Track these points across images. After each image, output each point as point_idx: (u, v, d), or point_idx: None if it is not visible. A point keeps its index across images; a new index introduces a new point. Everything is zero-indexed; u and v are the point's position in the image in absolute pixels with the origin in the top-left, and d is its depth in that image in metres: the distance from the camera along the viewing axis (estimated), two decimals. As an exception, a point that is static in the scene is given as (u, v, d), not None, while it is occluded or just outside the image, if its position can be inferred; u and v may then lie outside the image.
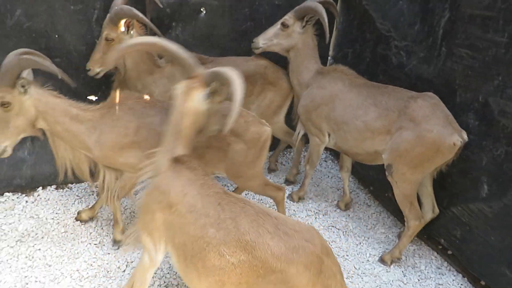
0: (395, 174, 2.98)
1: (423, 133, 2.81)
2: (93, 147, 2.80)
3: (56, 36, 3.32)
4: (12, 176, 3.61)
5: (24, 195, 3.63)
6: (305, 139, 3.82)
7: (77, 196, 3.69)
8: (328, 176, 4.38)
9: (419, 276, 3.19)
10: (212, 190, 2.08)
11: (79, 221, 3.36)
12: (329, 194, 4.08)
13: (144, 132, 2.78)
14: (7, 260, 2.95)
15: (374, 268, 3.22)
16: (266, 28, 3.54)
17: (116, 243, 3.18)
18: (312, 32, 3.48)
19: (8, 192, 3.62)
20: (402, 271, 3.22)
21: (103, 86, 3.59)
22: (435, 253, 3.41)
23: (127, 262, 3.04)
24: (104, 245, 3.18)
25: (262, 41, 3.47)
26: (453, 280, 3.16)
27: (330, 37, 4.35)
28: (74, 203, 3.58)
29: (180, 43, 3.64)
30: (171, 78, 3.42)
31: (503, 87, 2.67)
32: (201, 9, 3.58)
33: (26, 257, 3.00)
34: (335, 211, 3.84)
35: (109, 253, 3.10)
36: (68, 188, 3.79)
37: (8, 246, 3.07)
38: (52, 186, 3.76)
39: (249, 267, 1.88)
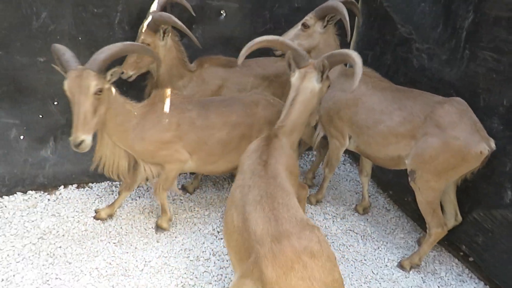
0: (418, 181, 2.89)
1: (449, 140, 2.72)
2: (135, 143, 2.94)
3: (80, 38, 3.39)
4: (35, 175, 3.69)
5: (46, 193, 3.71)
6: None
7: (97, 195, 3.75)
8: (347, 179, 4.34)
9: (439, 283, 3.13)
10: (258, 160, 2.32)
11: (98, 220, 3.42)
12: (347, 197, 4.05)
13: (185, 126, 3.01)
14: (29, 257, 3.02)
15: (393, 274, 3.17)
16: (286, 29, 3.53)
17: (160, 229, 3.37)
18: (334, 32, 3.43)
19: (32, 190, 3.70)
20: (422, 277, 3.16)
21: (124, 87, 3.64)
22: (456, 260, 3.34)
23: (145, 261, 3.07)
24: (122, 244, 3.22)
25: None
26: (474, 287, 3.09)
27: (350, 39, 4.32)
28: (94, 202, 3.65)
29: (200, 45, 3.72)
30: (199, 82, 3.53)
31: (529, 90, 2.61)
32: (222, 12, 3.61)
33: (47, 254, 3.06)
34: (353, 215, 3.80)
35: (127, 252, 3.14)
36: (88, 187, 3.85)
37: (30, 243, 3.14)
38: (73, 185, 3.84)
39: (241, 236, 1.98)
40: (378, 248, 3.42)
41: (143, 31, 3.19)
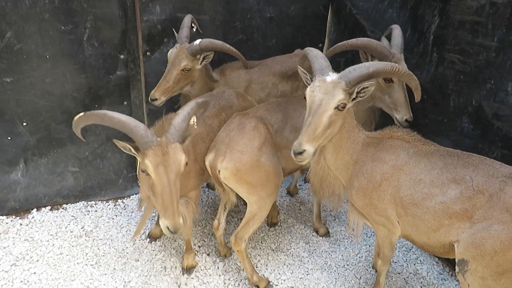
0: (469, 276, 2.18)
1: None
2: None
3: (48, 56, 3.30)
4: (5, 199, 3.56)
5: (18, 217, 3.57)
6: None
7: (72, 216, 3.64)
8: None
9: (421, 283, 3.15)
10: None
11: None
12: (327, 204, 4.05)
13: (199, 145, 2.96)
14: (1, 286, 2.89)
15: (375, 277, 3.17)
16: (259, 40, 3.55)
17: (191, 270, 3.13)
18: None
19: (2, 215, 3.56)
20: (404, 279, 3.18)
21: (96, 105, 3.57)
22: (436, 259, 3.38)
23: (125, 282, 2.98)
24: (100, 265, 3.12)
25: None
26: (455, 285, 3.13)
27: (322, 46, 4.38)
28: (69, 224, 3.53)
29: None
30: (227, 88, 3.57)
31: (495, 90, 2.68)
32: (192, 25, 3.59)
33: (21, 281, 2.94)
34: (334, 220, 3.81)
35: (105, 274, 3.05)
36: (63, 208, 3.74)
37: (2, 270, 3.01)
38: (46, 207, 3.72)
39: None
40: (360, 252, 3.43)
41: (184, 56, 3.20)
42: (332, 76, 2.33)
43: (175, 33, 3.38)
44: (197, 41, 3.21)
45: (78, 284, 2.94)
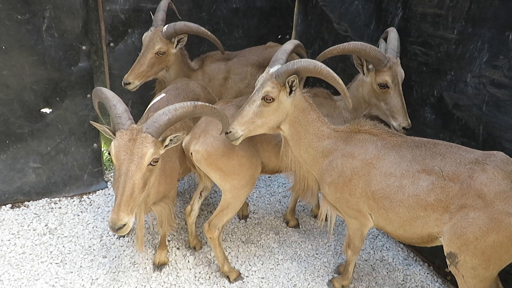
0: (461, 267, 2.23)
1: (499, 216, 2.07)
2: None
3: (4, 47, 3.14)
4: (-39, 198, 3.39)
5: (-24, 217, 3.42)
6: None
7: (35, 214, 3.51)
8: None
9: (387, 268, 3.25)
10: None
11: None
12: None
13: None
14: (-40, 288, 2.76)
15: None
16: (225, 31, 3.52)
17: (162, 266, 3.08)
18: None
19: (-42, 214, 3.40)
20: (371, 265, 3.27)
21: (57, 98, 3.44)
22: (401, 245, 3.50)
23: (92, 279, 2.91)
24: (66, 263, 3.03)
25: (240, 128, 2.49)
26: (419, 270, 3.25)
27: (289, 38, 4.40)
28: (32, 222, 3.41)
29: (137, 49, 3.60)
30: (206, 79, 3.59)
31: (455, 81, 2.77)
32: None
33: (-19, 283, 2.82)
34: (303, 211, 3.86)
35: (71, 272, 2.96)
36: (24, 206, 3.60)
37: (-40, 273, 2.88)
38: (7, 205, 3.57)
39: None
40: (328, 241, 3.50)
41: (158, 39, 3.15)
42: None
43: (152, 16, 3.32)
44: (172, 24, 3.17)
45: (42, 283, 2.84)
